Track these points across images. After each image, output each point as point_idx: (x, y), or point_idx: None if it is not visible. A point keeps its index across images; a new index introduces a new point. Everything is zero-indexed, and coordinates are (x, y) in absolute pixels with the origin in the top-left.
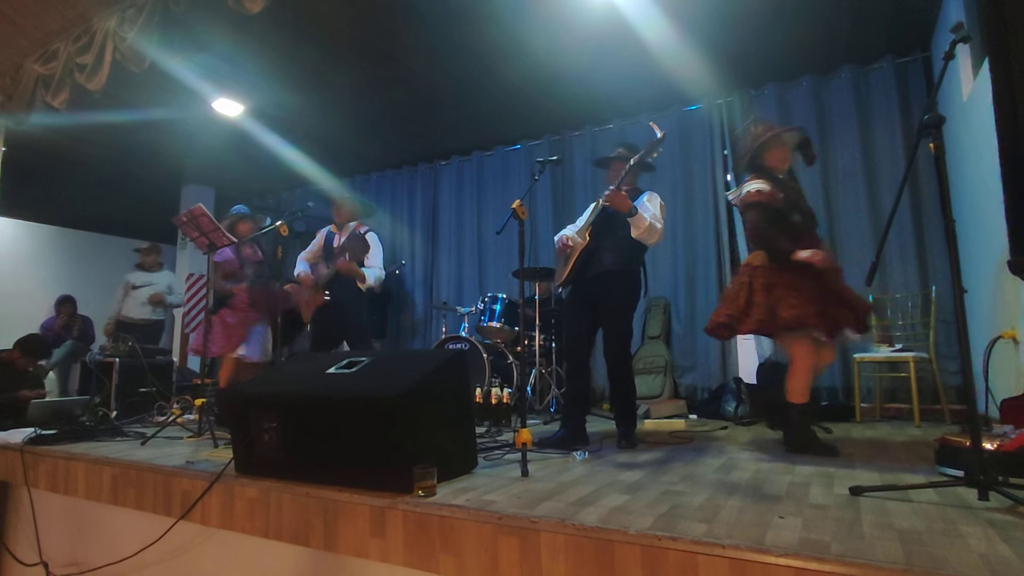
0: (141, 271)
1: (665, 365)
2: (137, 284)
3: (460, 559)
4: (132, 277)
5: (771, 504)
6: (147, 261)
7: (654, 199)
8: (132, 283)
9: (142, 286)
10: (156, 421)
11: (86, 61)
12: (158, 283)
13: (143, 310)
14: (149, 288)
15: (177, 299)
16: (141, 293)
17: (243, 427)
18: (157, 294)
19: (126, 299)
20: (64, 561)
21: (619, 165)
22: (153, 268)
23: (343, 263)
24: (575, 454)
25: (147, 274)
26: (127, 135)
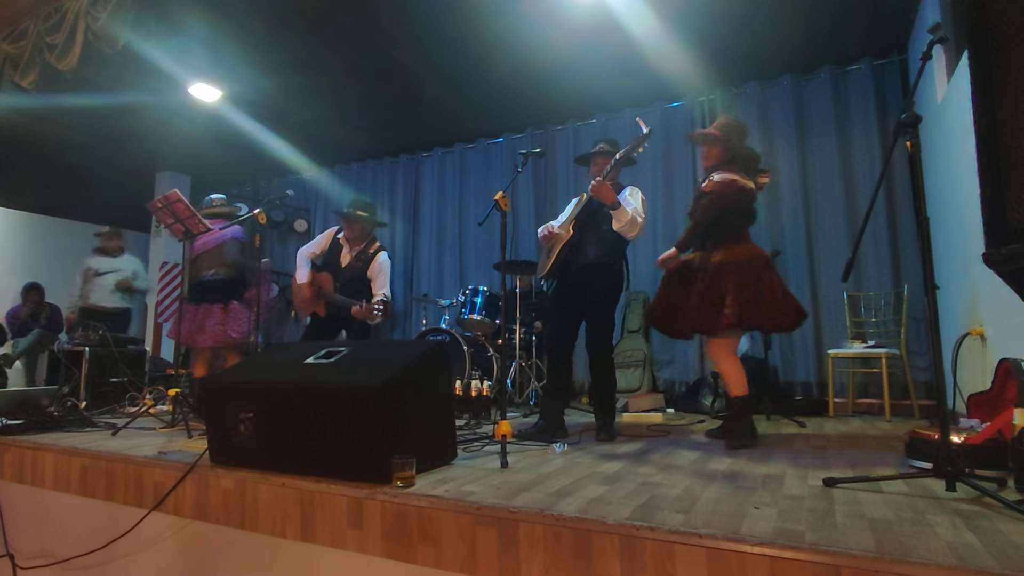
0: (103, 256)
1: (644, 359)
2: (101, 270)
3: (438, 550)
4: (94, 263)
5: (747, 495)
6: (110, 246)
7: (636, 193)
8: (95, 269)
9: (107, 272)
10: (128, 412)
11: (56, 40)
12: (124, 268)
13: (112, 297)
14: (116, 274)
15: (145, 284)
16: (107, 280)
17: (219, 417)
18: (125, 280)
19: (89, 286)
20: (31, 553)
21: (602, 160)
22: (116, 253)
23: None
24: (554, 446)
25: (110, 259)
26: (99, 119)
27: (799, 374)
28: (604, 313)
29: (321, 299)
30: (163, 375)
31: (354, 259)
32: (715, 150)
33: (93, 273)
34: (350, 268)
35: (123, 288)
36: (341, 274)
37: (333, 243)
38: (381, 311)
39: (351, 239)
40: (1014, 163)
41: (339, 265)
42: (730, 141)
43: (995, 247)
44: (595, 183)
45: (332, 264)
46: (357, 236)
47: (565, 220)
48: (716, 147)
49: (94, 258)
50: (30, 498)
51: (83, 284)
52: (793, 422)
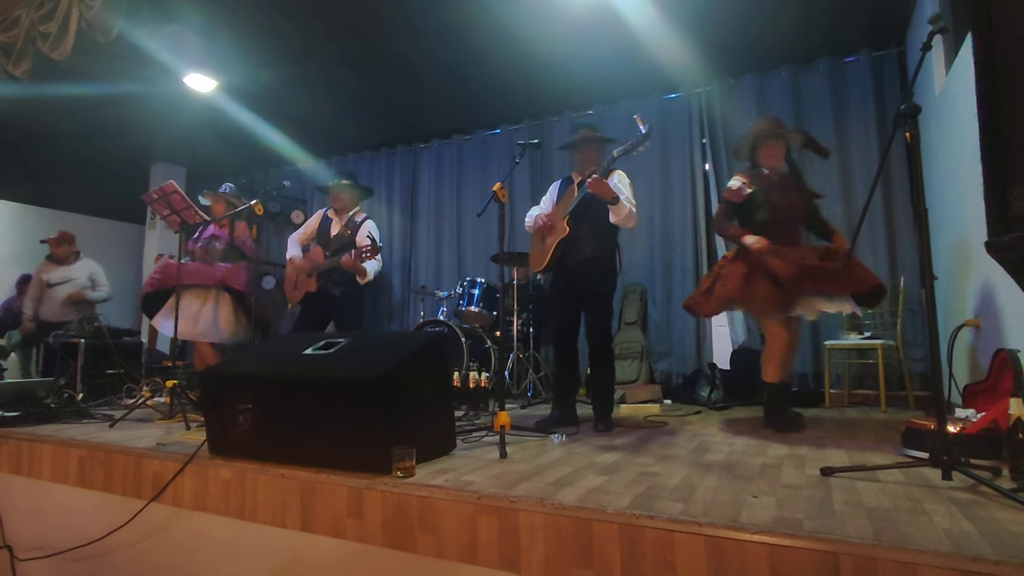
0: (54, 264)
1: (641, 351)
2: (52, 281)
3: (439, 539)
4: (45, 273)
5: (745, 484)
6: (58, 252)
7: (623, 179)
8: (46, 280)
9: (58, 283)
10: (125, 403)
11: (50, 29)
12: (76, 277)
13: (63, 311)
14: (67, 285)
15: (103, 293)
16: (58, 292)
17: (218, 408)
18: (77, 292)
19: (42, 298)
20: (29, 545)
21: (589, 150)
22: (68, 260)
23: (347, 261)
24: (553, 437)
25: (62, 268)
26: (93, 109)
27: (795, 365)
28: (603, 305)
29: (313, 273)
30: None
31: (343, 227)
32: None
33: (45, 285)
34: (339, 237)
35: (75, 301)
36: (331, 244)
37: (323, 220)
38: (369, 249)
39: (339, 210)
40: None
41: (329, 237)
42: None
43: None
44: (592, 181)
45: (323, 237)
46: (345, 206)
47: (555, 212)
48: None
49: (46, 266)
50: (27, 490)
51: (38, 295)
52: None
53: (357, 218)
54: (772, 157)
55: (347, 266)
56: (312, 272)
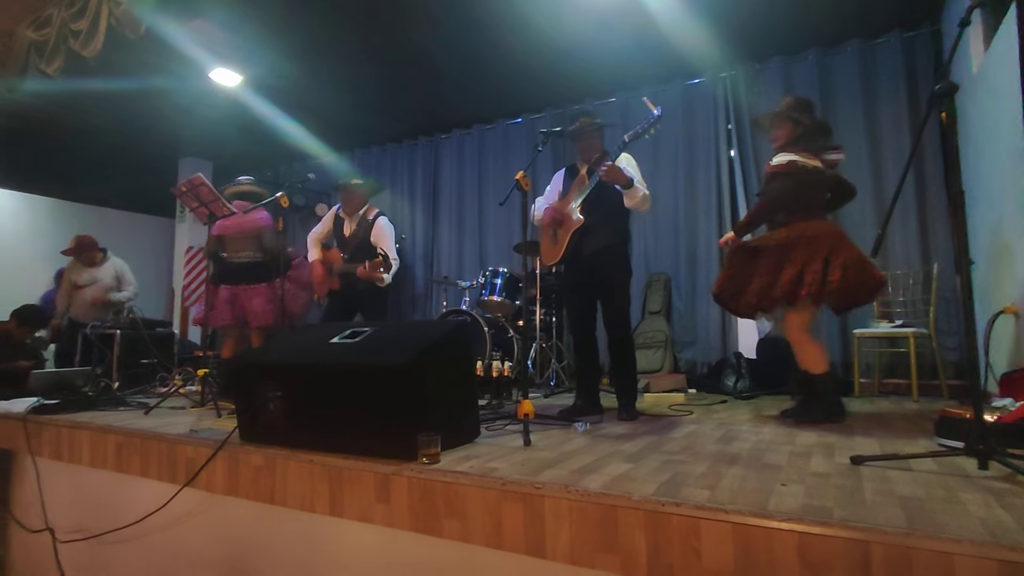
0: (82, 266)
1: (665, 340)
2: (80, 283)
3: (464, 524)
4: (74, 274)
5: (772, 473)
6: (83, 260)
7: (631, 162)
8: (74, 282)
9: (85, 285)
10: (159, 392)
11: (80, 27)
12: (103, 278)
13: (91, 312)
14: (94, 286)
15: (127, 292)
16: (86, 293)
17: (248, 395)
18: (100, 294)
19: (72, 299)
20: (70, 527)
21: (590, 137)
22: (95, 261)
23: (363, 273)
24: (576, 425)
25: (90, 270)
26: (123, 105)
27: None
28: (621, 294)
29: (333, 274)
30: (192, 357)
31: (356, 227)
32: (783, 130)
33: (73, 286)
34: (354, 237)
35: (99, 302)
36: (347, 245)
37: (336, 220)
38: (383, 266)
39: (350, 211)
40: None
41: (344, 238)
42: (796, 117)
43: None
44: (607, 169)
45: (339, 239)
46: (355, 206)
47: (564, 203)
48: (784, 126)
49: (74, 268)
50: (68, 474)
51: (66, 294)
52: None
53: (369, 216)
54: (773, 140)
55: (363, 277)
56: (332, 273)
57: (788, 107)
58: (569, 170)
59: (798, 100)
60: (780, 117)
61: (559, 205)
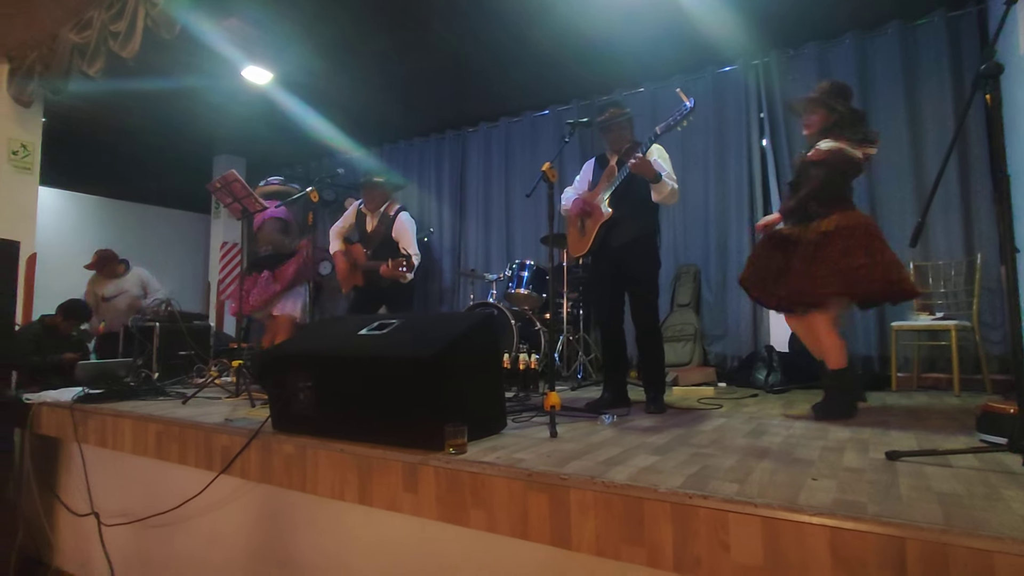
0: (105, 278)
1: (694, 333)
2: (106, 296)
3: (491, 514)
4: (99, 287)
5: (804, 467)
6: (105, 273)
7: (663, 154)
8: (101, 295)
9: (112, 297)
10: (195, 382)
11: (119, 29)
12: (129, 288)
13: (126, 317)
14: (121, 297)
15: (156, 299)
16: (115, 303)
17: (280, 386)
18: (134, 302)
19: (101, 311)
20: (114, 512)
21: (619, 128)
22: (117, 272)
23: (385, 271)
24: (603, 417)
25: (114, 281)
26: (160, 104)
27: (859, 348)
28: (649, 286)
29: (357, 270)
30: (227, 348)
31: (378, 224)
32: (817, 116)
33: (101, 299)
34: (376, 233)
35: (136, 309)
36: (370, 241)
37: (358, 215)
38: (405, 267)
39: (372, 208)
40: None
41: (367, 234)
42: (831, 103)
43: None
44: (636, 161)
45: (361, 234)
46: (376, 202)
47: (592, 194)
48: (818, 112)
49: (98, 281)
50: (111, 461)
51: (96, 306)
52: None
53: (391, 212)
54: (806, 126)
55: (385, 275)
56: (356, 270)
57: (824, 92)
58: (599, 160)
59: (834, 85)
60: (814, 103)
61: (588, 196)
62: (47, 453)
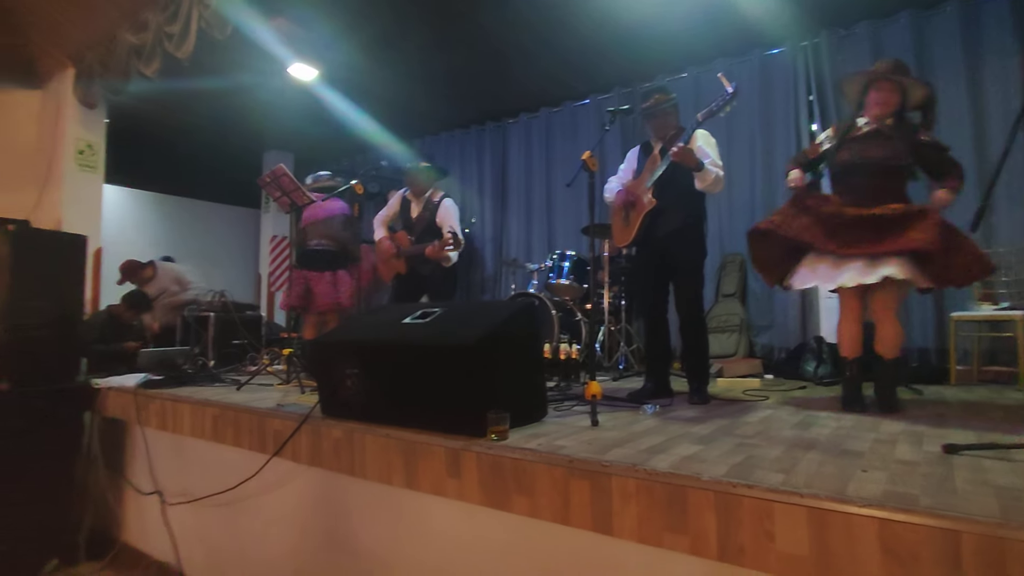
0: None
1: (740, 324)
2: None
3: (533, 500)
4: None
5: (853, 459)
6: (137, 282)
7: (709, 140)
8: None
9: (155, 298)
10: (248, 370)
11: (174, 30)
12: (166, 287)
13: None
14: (162, 297)
15: (192, 292)
16: (160, 303)
17: (327, 373)
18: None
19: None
20: (175, 491)
21: (664, 114)
22: (149, 278)
23: (431, 251)
24: (645, 407)
25: (150, 284)
26: (213, 102)
27: (915, 339)
28: (694, 275)
29: (400, 256)
30: (278, 338)
31: (422, 210)
32: (895, 95)
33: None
34: (420, 219)
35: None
36: (414, 227)
37: (403, 203)
38: (452, 244)
39: (416, 193)
40: None
41: (411, 220)
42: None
43: None
44: (677, 151)
45: (406, 221)
46: (421, 188)
47: (637, 183)
48: (897, 92)
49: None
50: (172, 443)
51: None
52: (908, 389)
53: (435, 198)
54: (879, 105)
55: (431, 255)
56: (399, 256)
57: (895, 69)
58: (643, 148)
59: (899, 64)
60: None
61: (632, 186)
62: (113, 434)
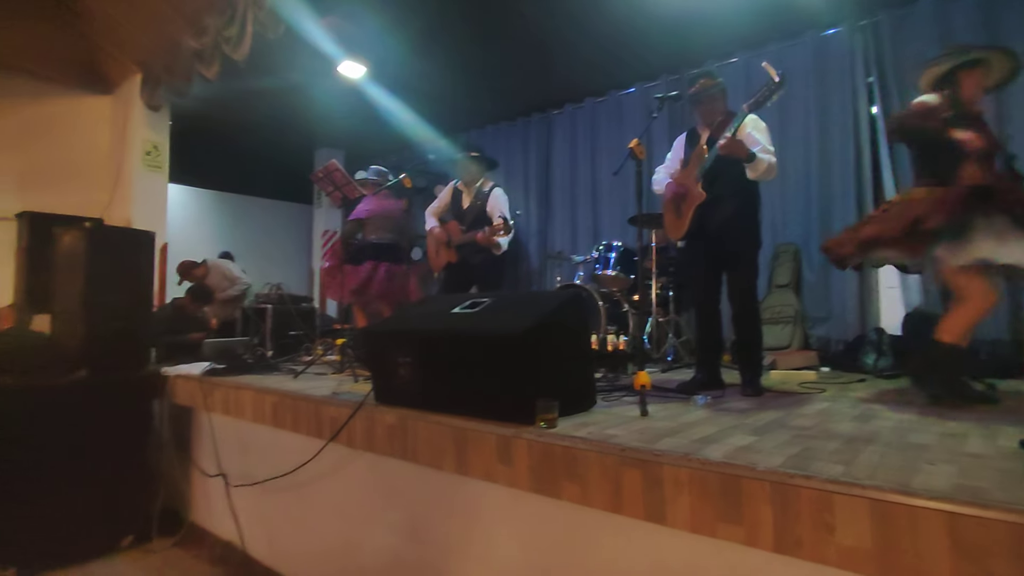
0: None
1: (794, 315)
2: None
3: (584, 487)
4: None
5: (918, 452)
6: (192, 279)
7: (759, 125)
8: None
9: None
10: (303, 360)
11: (231, 33)
12: (216, 283)
13: (228, 311)
14: (216, 292)
15: (239, 287)
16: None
17: (380, 362)
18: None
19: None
20: (238, 474)
21: (712, 100)
22: (202, 276)
23: (482, 237)
24: (696, 398)
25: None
26: (267, 102)
27: (987, 331)
28: (747, 264)
29: (451, 245)
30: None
31: (473, 199)
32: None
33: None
34: (472, 209)
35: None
36: (465, 217)
37: (454, 193)
38: (502, 229)
39: (467, 183)
40: None
41: (462, 210)
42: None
43: None
44: (724, 143)
45: (457, 211)
46: (472, 178)
47: (686, 174)
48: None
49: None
50: (235, 428)
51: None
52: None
53: (485, 188)
54: (974, 88)
55: (482, 242)
56: (450, 245)
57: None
58: (690, 135)
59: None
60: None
61: (680, 177)
62: (181, 420)
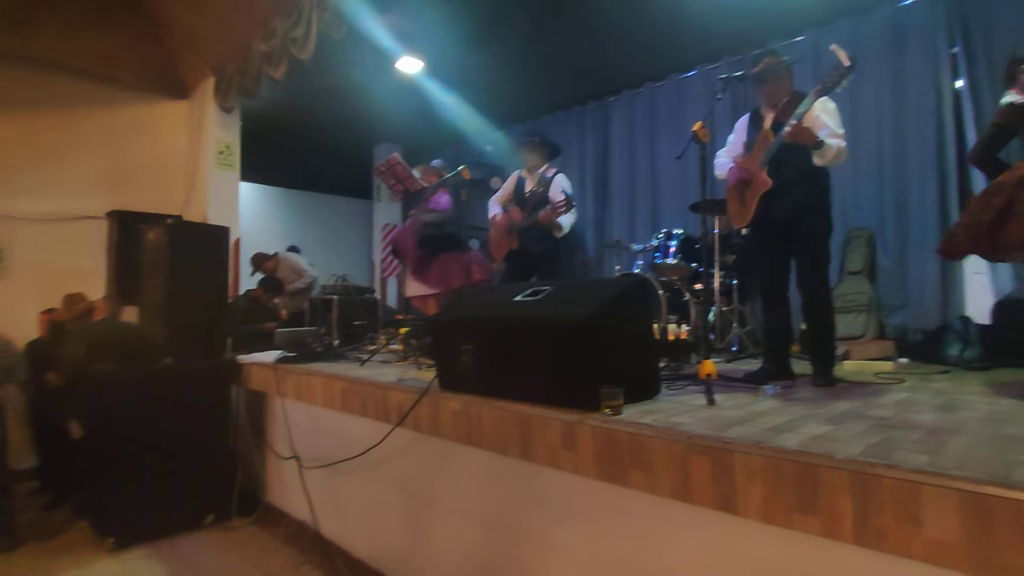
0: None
1: (868, 303)
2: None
3: (651, 475)
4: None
5: (1013, 443)
6: (265, 271)
7: (827, 106)
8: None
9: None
10: (368, 348)
11: (297, 34)
12: (285, 276)
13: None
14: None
15: (305, 280)
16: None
17: (444, 349)
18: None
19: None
20: (310, 456)
21: (777, 79)
22: (274, 270)
23: (544, 216)
24: (765, 388)
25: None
26: (329, 100)
27: None
28: (817, 249)
29: (513, 231)
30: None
31: (536, 185)
32: None
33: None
34: (534, 194)
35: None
36: (527, 203)
37: (517, 181)
38: (563, 205)
39: (531, 168)
40: None
41: (524, 196)
42: None
43: None
44: (791, 130)
45: (519, 198)
46: (536, 163)
47: (750, 160)
48: None
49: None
50: (307, 413)
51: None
52: None
53: (548, 174)
54: None
55: (544, 220)
56: (512, 230)
57: None
58: (753, 117)
59: None
60: None
61: (744, 162)
62: (257, 405)
